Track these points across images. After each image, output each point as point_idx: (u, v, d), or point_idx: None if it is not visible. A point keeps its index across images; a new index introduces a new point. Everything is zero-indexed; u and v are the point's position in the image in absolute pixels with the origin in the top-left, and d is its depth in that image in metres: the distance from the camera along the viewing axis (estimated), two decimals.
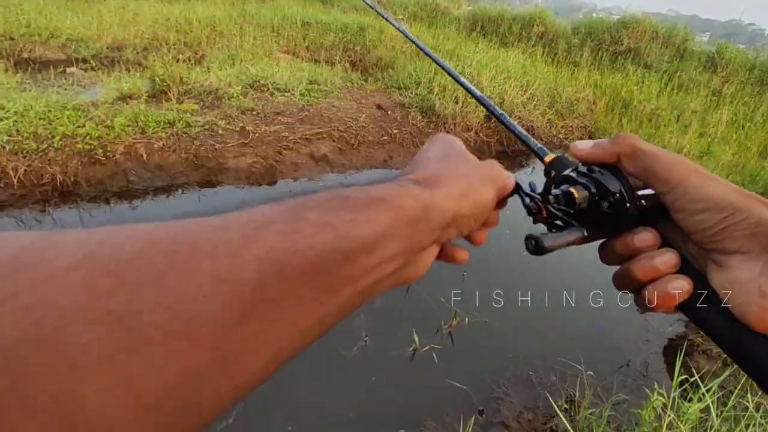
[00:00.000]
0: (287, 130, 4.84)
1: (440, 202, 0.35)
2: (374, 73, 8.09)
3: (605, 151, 0.43)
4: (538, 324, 2.87)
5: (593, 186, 0.43)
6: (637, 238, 0.41)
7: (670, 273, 0.39)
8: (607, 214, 0.42)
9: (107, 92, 4.94)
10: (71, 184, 3.70)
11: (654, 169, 0.40)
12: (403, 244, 0.32)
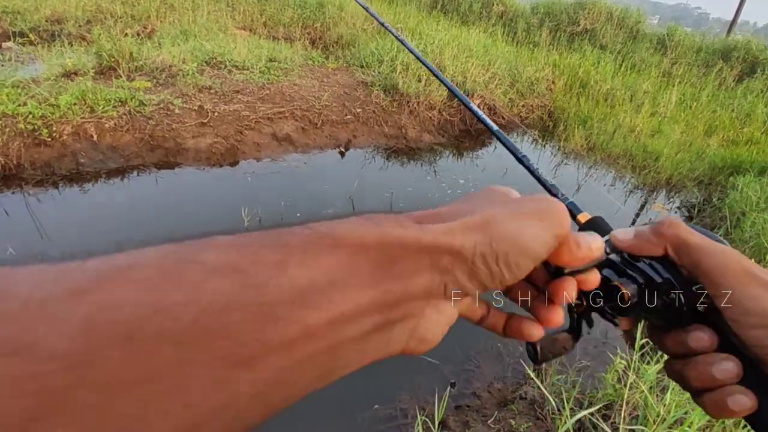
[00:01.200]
0: (248, 109, 4.68)
1: (432, 236, 0.27)
2: (335, 51, 7.92)
3: (650, 243, 0.38)
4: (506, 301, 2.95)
5: (641, 278, 0.38)
6: (691, 338, 0.36)
7: (731, 384, 0.34)
8: (659, 310, 0.38)
9: (50, 68, 4.59)
10: (14, 167, 3.45)
11: (705, 268, 0.35)
12: (371, 296, 0.24)
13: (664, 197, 5.39)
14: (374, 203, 3.92)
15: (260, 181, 3.96)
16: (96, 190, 3.53)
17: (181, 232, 0.22)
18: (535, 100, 7.32)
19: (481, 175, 4.99)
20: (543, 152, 6.15)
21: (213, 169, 4.03)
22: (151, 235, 1.07)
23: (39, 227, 3.04)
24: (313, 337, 0.22)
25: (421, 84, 5.94)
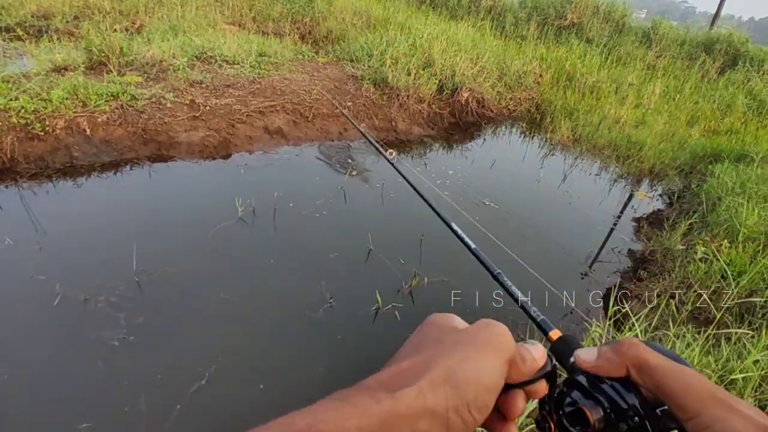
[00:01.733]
0: (239, 103, 4.73)
1: (406, 403, 0.29)
2: (325, 46, 7.97)
3: (612, 364, 0.38)
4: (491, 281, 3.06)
5: (606, 402, 0.38)
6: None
7: None
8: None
9: (39, 63, 4.60)
10: (8, 161, 3.48)
11: (668, 391, 0.35)
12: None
13: (647, 186, 5.54)
14: (365, 195, 4.00)
15: (253, 173, 4.02)
16: (90, 184, 3.57)
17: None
18: (522, 93, 7.44)
19: (470, 166, 5.09)
20: (530, 144, 6.27)
21: (206, 161, 4.08)
22: (144, 227, 1.22)
23: (34, 220, 3.09)
24: None
25: (410, 78, 6.02)
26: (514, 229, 3.91)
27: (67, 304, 2.41)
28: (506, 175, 5.12)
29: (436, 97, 6.21)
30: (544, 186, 5.00)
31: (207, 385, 2.12)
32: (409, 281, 2.94)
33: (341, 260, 3.06)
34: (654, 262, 3.41)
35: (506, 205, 4.27)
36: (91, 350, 2.20)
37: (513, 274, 2.29)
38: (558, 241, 3.84)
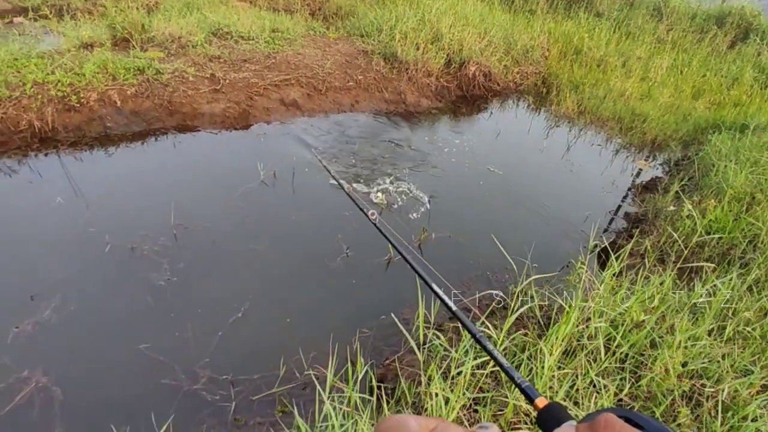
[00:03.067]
0: (256, 77, 4.98)
1: None
2: (335, 22, 8.12)
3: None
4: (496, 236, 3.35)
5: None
6: None
7: None
8: None
9: (68, 40, 4.87)
10: (49, 131, 3.79)
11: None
12: None
13: (649, 156, 5.73)
14: (377, 164, 4.27)
15: (272, 141, 4.30)
16: (124, 151, 3.88)
17: None
18: (529, 67, 7.57)
19: (476, 136, 5.31)
20: (536, 117, 6.45)
21: (228, 131, 4.37)
22: (177, 188, 1.67)
23: (78, 182, 3.41)
24: None
25: (419, 52, 6.20)
26: (516, 191, 4.17)
27: (117, 251, 2.74)
28: (511, 145, 5.34)
29: (444, 71, 6.40)
30: (548, 155, 5.22)
31: (242, 317, 2.44)
32: (419, 236, 3.23)
33: (356, 218, 3.35)
34: (646, 221, 3.66)
35: (510, 171, 4.52)
36: (141, 288, 2.53)
37: (513, 229, 2.65)
38: (557, 204, 4.09)
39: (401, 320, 2.41)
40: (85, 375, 2.08)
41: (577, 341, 1.85)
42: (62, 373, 2.06)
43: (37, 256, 2.66)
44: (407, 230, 3.30)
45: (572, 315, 1.74)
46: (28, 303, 2.37)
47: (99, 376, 2.09)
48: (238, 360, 2.24)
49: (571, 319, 1.73)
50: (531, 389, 0.52)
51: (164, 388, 2.06)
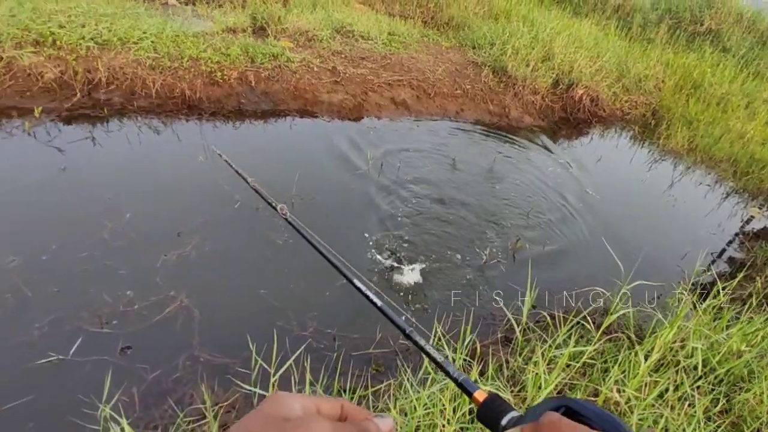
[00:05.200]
0: (372, 74, 5.33)
1: None
2: (446, 32, 8.37)
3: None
4: (588, 256, 3.37)
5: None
6: None
7: None
8: None
9: (217, 24, 5.54)
10: (196, 100, 4.36)
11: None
12: None
13: (764, 204, 5.33)
14: (475, 167, 4.42)
15: (380, 135, 4.61)
16: (253, 126, 4.36)
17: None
18: (640, 97, 7.31)
19: (575, 159, 5.27)
20: (640, 148, 6.23)
21: (341, 120, 4.74)
22: (296, 163, 2.01)
23: (205, 149, 3.90)
24: None
25: (528, 69, 6.25)
26: (612, 216, 4.12)
27: (244, 209, 3.15)
28: (610, 172, 5.24)
29: (550, 91, 6.39)
30: (649, 188, 5.05)
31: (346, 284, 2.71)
32: (513, 244, 3.35)
33: (454, 203, 3.53)
34: (753, 267, 3.48)
35: (608, 197, 4.46)
36: (262, 243, 2.90)
37: (603, 251, 2.68)
38: (654, 236, 3.99)
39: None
40: (217, 303, 2.45)
41: (672, 356, 1.89)
42: (200, 297, 2.44)
43: (181, 203, 3.13)
44: (504, 237, 3.43)
45: (675, 324, 1.79)
46: (175, 238, 2.81)
47: (227, 306, 2.45)
48: (341, 319, 2.50)
49: (671, 331, 1.78)
50: (468, 382, 0.48)
51: (278, 329, 2.37)
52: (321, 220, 3.20)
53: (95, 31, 4.34)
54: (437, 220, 3.48)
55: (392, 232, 3.25)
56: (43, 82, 3.89)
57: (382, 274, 2.88)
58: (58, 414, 1.72)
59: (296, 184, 3.45)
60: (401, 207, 3.54)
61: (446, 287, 2.88)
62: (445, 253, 3.15)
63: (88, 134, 3.71)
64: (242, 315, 2.42)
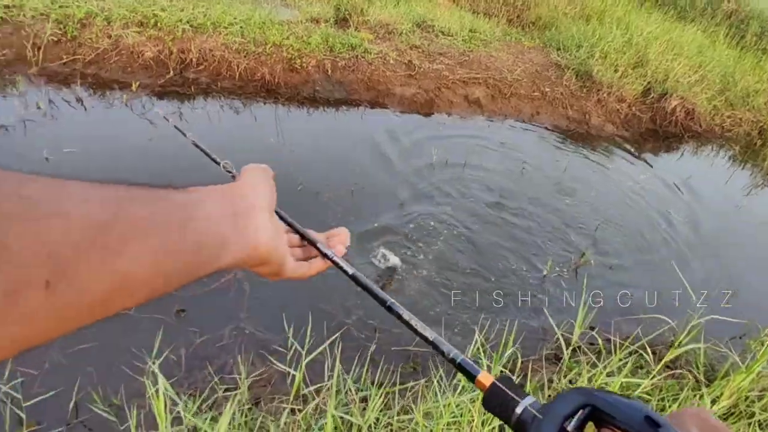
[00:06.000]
0: (447, 71, 5.25)
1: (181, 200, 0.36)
2: (531, 32, 8.03)
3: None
4: (661, 281, 3.11)
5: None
6: None
7: None
8: None
9: (302, 13, 5.72)
10: (275, 85, 4.55)
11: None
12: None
13: None
14: (546, 174, 4.21)
15: (449, 131, 4.54)
16: (324, 113, 4.47)
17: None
18: (746, 113, 6.58)
19: (659, 175, 4.85)
20: (739, 170, 5.62)
21: (411, 114, 4.72)
22: (359, 153, 1.93)
23: (279, 131, 4.05)
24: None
25: (616, 74, 5.85)
26: (697, 242, 3.75)
27: (305, 193, 3.24)
28: (700, 193, 4.76)
29: (638, 99, 5.93)
30: (746, 215, 4.55)
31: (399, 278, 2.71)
32: (578, 258, 3.16)
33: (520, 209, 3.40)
34: None
35: (693, 219, 4.07)
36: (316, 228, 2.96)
37: (674, 278, 2.40)
38: (747, 270, 3.58)
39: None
40: (269, 281, 2.54)
41: (746, 407, 1.67)
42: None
43: None
44: (569, 250, 3.25)
45: (754, 369, 1.58)
46: None
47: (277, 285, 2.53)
48: (383, 312, 2.50)
49: (748, 376, 1.58)
50: (469, 363, 0.41)
51: (322, 313, 2.41)
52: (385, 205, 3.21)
53: (191, 15, 4.65)
54: (499, 225, 3.36)
55: (453, 231, 3.19)
56: (143, 60, 4.24)
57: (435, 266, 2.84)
58: (113, 362, 1.88)
59: (360, 171, 3.49)
60: (463, 207, 3.46)
61: (497, 294, 2.78)
62: (503, 260, 3.04)
63: (177, 109, 4.00)
64: (290, 296, 2.49)
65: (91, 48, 4.15)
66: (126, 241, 0.29)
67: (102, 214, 0.28)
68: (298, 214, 2.12)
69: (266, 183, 0.48)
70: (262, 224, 0.42)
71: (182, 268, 0.34)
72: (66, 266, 0.26)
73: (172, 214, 0.33)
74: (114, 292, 0.29)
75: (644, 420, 0.30)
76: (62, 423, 1.72)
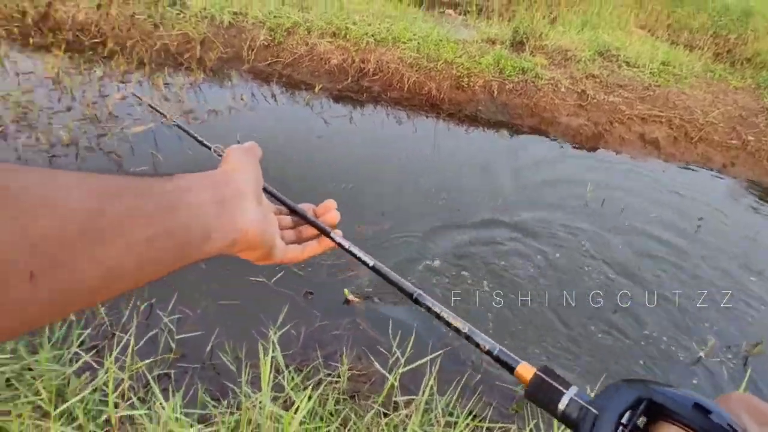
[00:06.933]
0: (624, 104, 4.81)
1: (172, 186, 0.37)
2: (743, 69, 6.88)
3: None
4: None
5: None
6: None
7: None
8: None
9: (479, 34, 5.82)
10: (439, 100, 4.71)
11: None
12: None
13: None
14: (729, 238, 3.57)
15: (613, 169, 4.15)
16: (483, 133, 4.47)
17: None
18: None
19: None
20: None
21: (573, 146, 4.44)
22: (511, 175, 1.80)
23: (435, 144, 4.16)
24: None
25: None
26: None
27: (447, 208, 3.28)
28: None
29: None
30: None
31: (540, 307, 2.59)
32: (749, 348, 2.62)
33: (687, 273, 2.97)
34: None
35: None
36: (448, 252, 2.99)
37: None
38: None
39: None
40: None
41: None
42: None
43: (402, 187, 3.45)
44: (738, 332, 2.72)
45: None
46: (361, 215, 3.12)
47: None
48: (507, 341, 2.41)
49: None
50: (507, 354, 0.40)
51: (430, 328, 2.41)
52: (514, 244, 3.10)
53: (377, 29, 5.08)
54: (652, 284, 2.96)
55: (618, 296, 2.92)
56: (329, 66, 4.79)
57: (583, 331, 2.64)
58: (246, 321, 2.17)
59: (509, 194, 3.43)
60: (612, 257, 3.14)
61: (643, 363, 2.46)
62: (650, 326, 2.67)
63: (348, 113, 4.41)
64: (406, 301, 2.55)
65: (291, 52, 4.83)
66: (113, 232, 0.29)
67: (89, 205, 0.28)
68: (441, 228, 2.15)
69: (252, 165, 0.46)
70: (249, 210, 0.42)
71: (169, 256, 0.34)
72: (51, 258, 0.26)
73: (158, 203, 0.33)
74: (101, 282, 0.29)
75: (693, 407, 0.30)
76: (199, 361, 2.03)
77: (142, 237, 0.31)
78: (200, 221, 0.37)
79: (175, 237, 0.34)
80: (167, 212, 0.34)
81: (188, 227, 0.35)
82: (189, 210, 0.36)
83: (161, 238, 0.33)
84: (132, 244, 0.30)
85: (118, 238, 0.29)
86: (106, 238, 0.29)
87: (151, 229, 0.32)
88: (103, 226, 0.29)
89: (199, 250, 0.37)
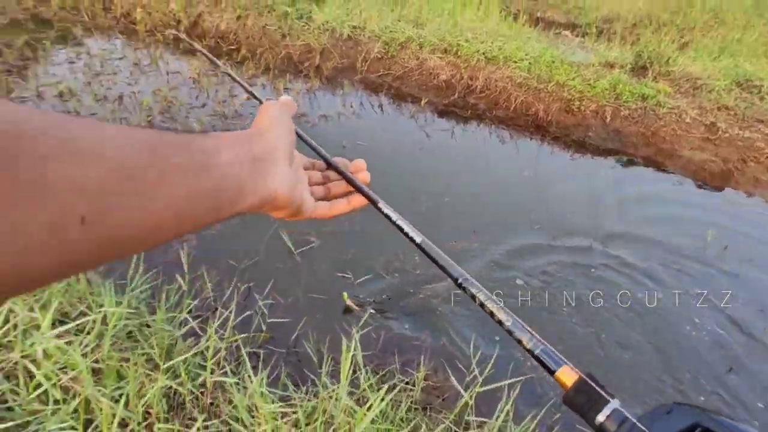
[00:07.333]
0: (763, 141, 4.26)
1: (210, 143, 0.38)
2: None
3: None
4: None
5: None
6: None
7: None
8: None
9: (597, 57, 5.54)
10: (546, 122, 4.56)
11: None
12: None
13: None
14: None
15: (739, 215, 3.69)
16: (591, 160, 4.24)
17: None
18: None
19: None
20: None
21: (694, 183, 4.03)
22: (617, 210, 1.69)
23: (535, 167, 4.01)
24: None
25: None
26: None
27: (541, 231, 3.15)
28: None
29: None
30: None
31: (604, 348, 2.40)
32: None
33: None
34: None
35: None
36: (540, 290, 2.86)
37: None
38: None
39: None
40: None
41: None
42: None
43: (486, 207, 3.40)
44: None
45: None
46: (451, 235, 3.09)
47: None
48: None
49: None
50: (550, 354, 0.38)
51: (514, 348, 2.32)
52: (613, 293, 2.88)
53: (489, 47, 5.07)
54: None
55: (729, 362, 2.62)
56: (437, 81, 4.87)
57: None
58: (331, 315, 2.28)
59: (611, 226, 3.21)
60: (741, 315, 2.78)
61: None
62: None
63: (450, 128, 4.45)
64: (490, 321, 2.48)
65: (401, 66, 5.00)
66: (158, 184, 0.31)
67: (137, 157, 0.30)
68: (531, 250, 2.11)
69: (285, 122, 0.47)
70: (281, 169, 0.43)
71: (205, 212, 0.35)
72: (102, 205, 0.27)
73: (198, 161, 0.35)
74: (144, 232, 0.31)
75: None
76: (285, 346, 2.16)
77: (183, 192, 0.33)
78: (235, 180, 0.38)
79: (212, 193, 0.35)
80: (205, 170, 0.35)
81: (224, 185, 0.37)
82: (225, 168, 0.37)
83: (199, 193, 0.34)
84: (174, 197, 0.32)
85: (161, 190, 0.31)
86: (151, 190, 0.30)
87: (190, 184, 0.33)
88: (148, 178, 0.30)
89: (231, 208, 0.38)
